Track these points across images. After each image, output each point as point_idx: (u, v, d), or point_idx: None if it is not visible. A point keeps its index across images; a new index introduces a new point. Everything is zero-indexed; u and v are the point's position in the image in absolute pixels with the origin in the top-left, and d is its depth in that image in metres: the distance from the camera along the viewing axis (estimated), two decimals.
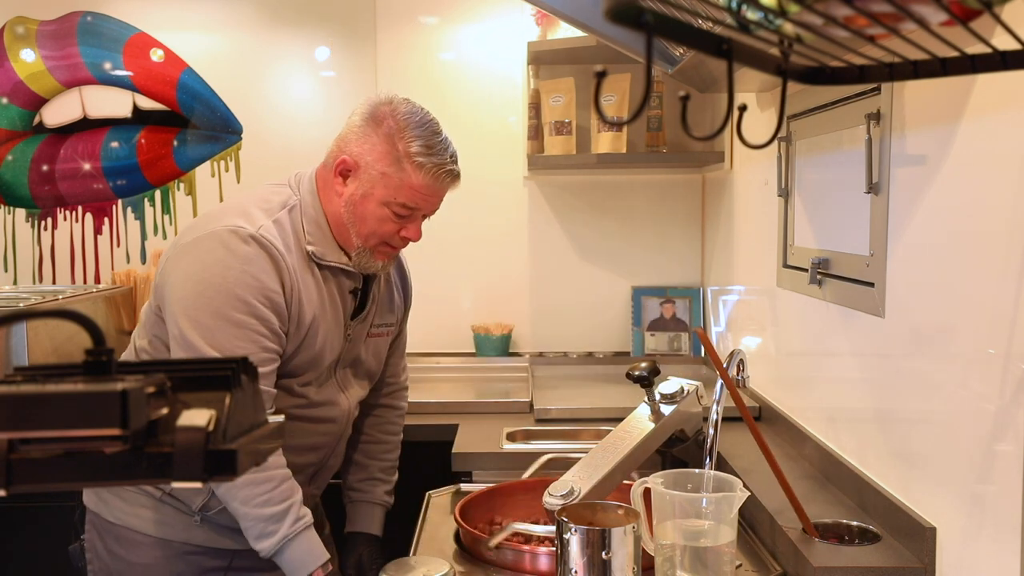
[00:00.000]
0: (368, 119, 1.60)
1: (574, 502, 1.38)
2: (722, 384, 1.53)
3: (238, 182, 3.01)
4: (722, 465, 1.77)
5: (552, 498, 1.42)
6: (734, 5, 0.62)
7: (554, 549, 1.29)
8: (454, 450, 2.01)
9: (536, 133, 2.84)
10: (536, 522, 1.55)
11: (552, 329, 3.04)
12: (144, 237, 3.04)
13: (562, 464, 1.80)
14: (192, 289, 1.51)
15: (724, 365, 1.52)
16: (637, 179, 3.02)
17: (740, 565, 1.45)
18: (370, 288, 1.72)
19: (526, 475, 1.74)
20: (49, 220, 3.02)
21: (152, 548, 1.64)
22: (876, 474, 1.48)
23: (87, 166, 2.99)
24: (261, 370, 1.48)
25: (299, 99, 3.02)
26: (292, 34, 3.00)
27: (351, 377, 1.75)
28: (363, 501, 1.87)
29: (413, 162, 1.56)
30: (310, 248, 1.60)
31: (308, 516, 1.55)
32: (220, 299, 1.49)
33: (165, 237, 3.04)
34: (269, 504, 1.50)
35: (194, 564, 1.66)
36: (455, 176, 1.62)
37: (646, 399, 1.67)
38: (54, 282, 3.02)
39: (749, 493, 1.25)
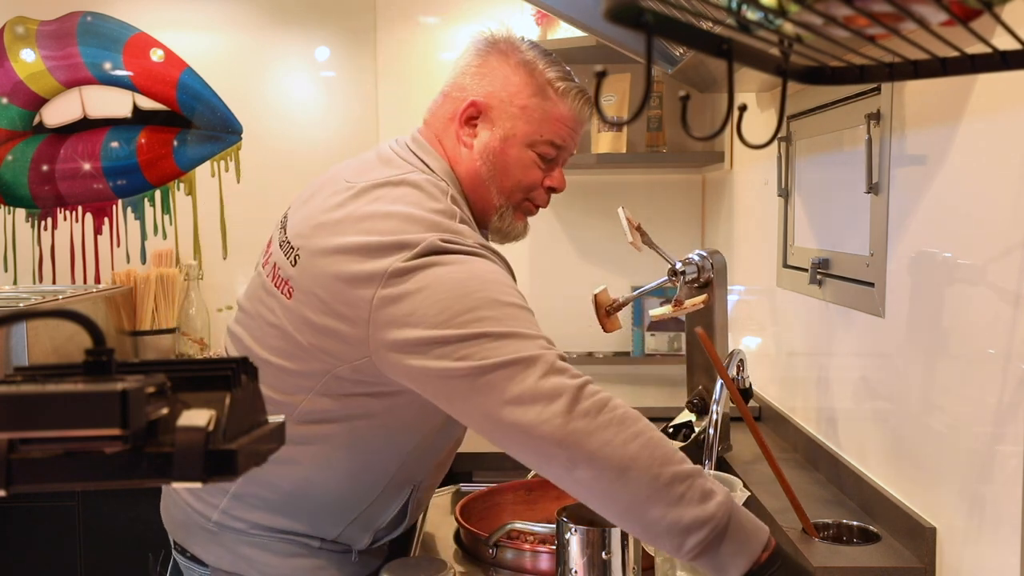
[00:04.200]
0: (489, 54, 1.43)
1: None
2: (722, 384, 1.53)
3: (238, 182, 3.01)
4: (722, 465, 1.77)
5: None
6: (734, 5, 0.62)
7: (554, 548, 1.29)
8: None
9: None
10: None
11: (552, 329, 3.02)
12: (144, 237, 3.04)
13: None
14: (448, 298, 1.18)
15: (724, 365, 1.52)
16: (637, 179, 3.02)
17: None
18: None
19: (532, 474, 1.74)
20: (49, 220, 3.02)
21: None
22: (876, 474, 1.48)
23: (87, 166, 2.99)
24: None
25: (299, 99, 3.02)
26: (292, 34, 3.00)
27: None
28: None
29: (556, 88, 1.39)
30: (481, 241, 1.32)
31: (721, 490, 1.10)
32: (487, 290, 1.20)
33: (165, 237, 3.04)
34: (685, 496, 1.05)
35: None
36: (593, 104, 1.43)
37: None
38: (54, 282, 3.02)
39: (749, 493, 1.25)
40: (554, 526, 1.23)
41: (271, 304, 1.36)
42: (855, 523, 1.43)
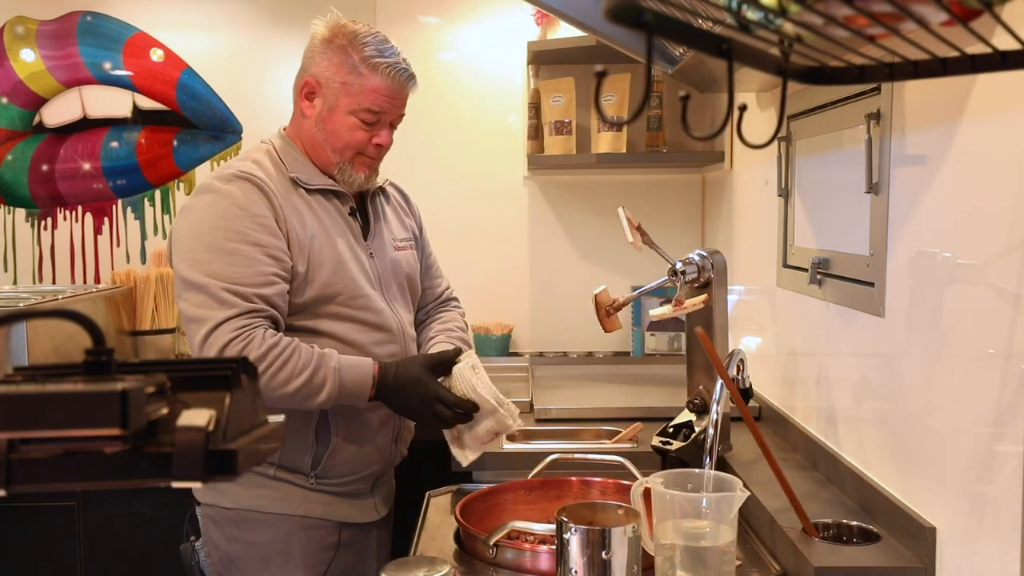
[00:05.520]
0: (320, 42, 1.71)
1: None
2: (722, 384, 1.53)
3: None
4: (722, 465, 1.77)
5: None
6: (734, 5, 0.62)
7: (554, 548, 1.29)
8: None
9: (536, 133, 2.84)
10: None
11: (552, 329, 3.04)
12: (144, 237, 3.04)
13: (567, 464, 1.80)
14: (187, 235, 1.60)
15: (724, 365, 1.52)
16: (637, 179, 3.02)
17: (740, 565, 1.45)
18: (367, 207, 1.82)
19: (532, 474, 1.74)
20: (49, 220, 3.02)
21: (271, 525, 1.69)
22: (876, 474, 1.48)
23: (87, 166, 2.99)
24: (265, 291, 1.56)
25: None
26: (292, 34, 3.00)
27: (397, 294, 1.83)
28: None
29: (369, 64, 1.67)
30: (293, 175, 1.69)
31: (334, 358, 1.61)
32: (213, 234, 1.57)
33: (165, 237, 3.04)
34: (294, 378, 1.56)
35: (312, 539, 1.72)
36: (411, 76, 1.74)
37: None
38: (54, 282, 3.02)
39: (749, 493, 1.25)
40: (554, 526, 1.23)
41: None
42: (855, 523, 1.43)
